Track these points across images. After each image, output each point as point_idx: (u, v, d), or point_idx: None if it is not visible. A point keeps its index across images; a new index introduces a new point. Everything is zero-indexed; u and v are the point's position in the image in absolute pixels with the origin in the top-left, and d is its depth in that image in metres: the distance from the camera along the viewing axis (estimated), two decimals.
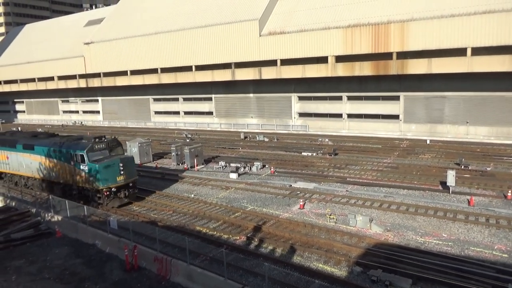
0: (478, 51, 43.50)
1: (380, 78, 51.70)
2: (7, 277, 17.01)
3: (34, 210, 24.74)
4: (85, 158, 24.25)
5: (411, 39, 46.73)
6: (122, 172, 24.93)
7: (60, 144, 26.20)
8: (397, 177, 30.70)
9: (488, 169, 31.99)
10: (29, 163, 28.70)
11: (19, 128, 78.50)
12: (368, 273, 15.55)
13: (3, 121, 69.94)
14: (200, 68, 65.83)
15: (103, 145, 25.22)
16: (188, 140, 53.97)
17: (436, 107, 50.35)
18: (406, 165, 34.63)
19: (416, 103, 51.69)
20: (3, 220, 22.57)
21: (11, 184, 31.68)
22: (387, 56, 48.71)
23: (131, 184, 26.03)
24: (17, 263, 18.41)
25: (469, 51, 43.84)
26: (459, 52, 44.41)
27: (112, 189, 24.71)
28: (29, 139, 29.18)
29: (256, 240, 19.51)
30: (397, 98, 52.76)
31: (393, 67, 48.38)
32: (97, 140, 25.27)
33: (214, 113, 71.17)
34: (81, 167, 24.63)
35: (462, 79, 46.71)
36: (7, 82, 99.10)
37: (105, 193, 24.44)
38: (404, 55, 48.08)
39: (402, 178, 30.15)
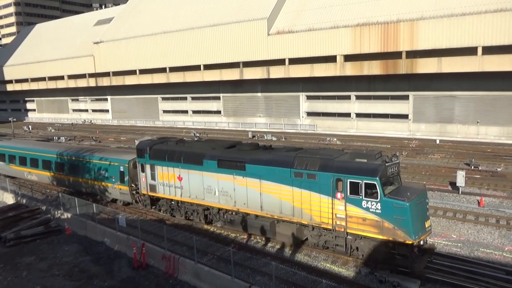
0: (489, 50, 42.92)
1: (389, 78, 51.30)
2: (18, 274, 17.24)
3: (44, 208, 25.04)
4: (378, 189, 14.92)
5: (420, 38, 46.27)
6: (428, 213, 15.99)
7: (303, 162, 16.88)
8: (406, 177, 30.45)
9: (499, 169, 31.58)
10: (228, 190, 19.26)
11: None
12: (376, 274, 15.46)
13: (14, 119, 70.85)
14: (208, 67, 65.94)
15: (395, 169, 16.24)
16: (196, 139, 54.15)
17: (446, 107, 49.82)
18: (415, 165, 34.34)
19: (425, 103, 51.21)
20: (14, 217, 22.87)
21: (180, 215, 22.33)
22: (396, 55, 48.29)
23: None
24: (28, 260, 18.65)
25: (479, 50, 43.27)
26: (470, 51, 43.85)
27: (420, 243, 15.06)
28: (227, 152, 19.79)
29: (263, 239, 19.51)
30: (406, 97, 52.32)
31: (402, 66, 47.97)
32: (388, 159, 16.13)
33: (222, 112, 71.28)
34: (364, 203, 15.23)
35: (472, 78, 46.13)
36: (18, 81, 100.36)
37: (415, 251, 14.69)
38: (413, 54, 47.61)
39: (411, 178, 29.92)
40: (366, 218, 15.23)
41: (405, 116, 52.87)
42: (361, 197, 15.25)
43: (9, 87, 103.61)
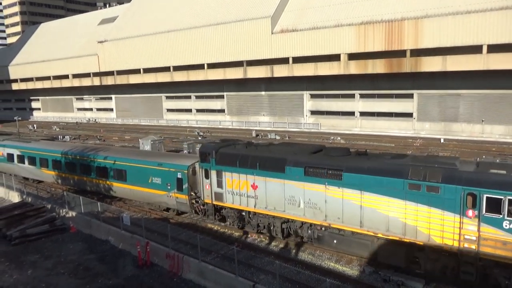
0: (494, 48, 42.64)
1: (393, 76, 51.10)
2: (23, 271, 17.36)
3: (49, 206, 25.16)
4: None
5: (425, 36, 46.05)
6: None
7: (421, 172, 14.23)
8: None
9: None
10: (318, 201, 16.53)
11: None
12: (380, 273, 15.43)
13: (20, 118, 71.23)
14: (212, 66, 65.99)
15: None
16: (200, 138, 54.22)
17: (451, 105, 49.58)
18: None
19: (430, 101, 50.98)
20: (20, 215, 23.00)
21: (252, 228, 19.81)
22: (401, 53, 48.09)
23: None
24: (33, 258, 18.76)
25: (485, 48, 43.02)
26: (475, 49, 43.61)
27: None
28: (315, 158, 17.13)
29: (267, 238, 19.52)
30: (410, 96, 52.11)
31: (407, 65, 47.76)
32: None
33: (226, 111, 71.33)
34: (507, 223, 12.74)
35: (477, 76, 45.86)
36: (23, 80, 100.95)
37: None
38: (418, 53, 47.42)
39: None
40: (508, 242, 12.61)
41: (409, 115, 52.68)
42: (502, 216, 12.64)
43: (15, 86, 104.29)
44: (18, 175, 33.88)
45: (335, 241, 16.62)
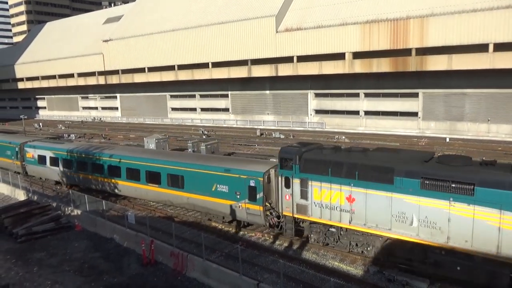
0: (500, 46, 42.28)
1: (398, 75, 50.84)
2: (29, 269, 17.50)
3: (54, 204, 25.32)
4: None
5: (430, 34, 45.75)
6: None
7: None
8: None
9: None
10: (438, 220, 14.19)
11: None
12: (384, 272, 15.38)
13: (26, 117, 71.74)
14: (216, 65, 66.01)
15: None
16: (204, 137, 54.32)
17: (456, 105, 49.27)
18: None
19: (435, 100, 50.69)
20: (25, 213, 23.17)
21: (344, 246, 17.38)
22: (406, 52, 47.82)
23: None
24: (39, 256, 18.90)
25: (491, 47, 42.65)
26: (481, 48, 43.26)
27: None
28: (433, 168, 14.76)
29: (271, 237, 19.53)
30: (415, 95, 51.84)
31: (412, 64, 47.50)
32: None
33: (230, 110, 71.37)
34: None
35: (483, 75, 45.50)
36: (29, 79, 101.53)
37: None
38: (423, 51, 47.14)
39: None
40: None
41: (414, 114, 52.42)
42: None
43: (21, 85, 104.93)
44: (50, 179, 31.55)
45: (458, 268, 13.95)
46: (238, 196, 19.88)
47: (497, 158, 34.15)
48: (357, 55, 51.76)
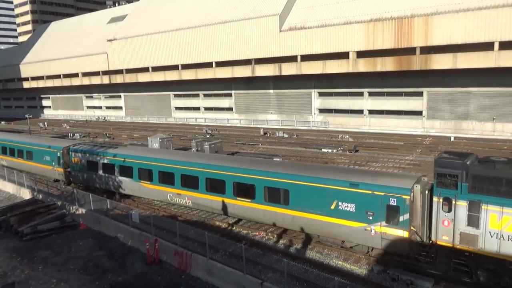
0: (506, 45, 42.00)
1: (403, 74, 50.63)
2: (35, 267, 17.60)
3: (59, 203, 25.45)
4: None
5: (435, 33, 45.52)
6: None
7: None
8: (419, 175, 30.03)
9: None
10: None
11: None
12: (388, 272, 15.33)
13: (31, 116, 72.15)
14: (220, 64, 66.07)
15: None
16: (208, 136, 54.36)
17: (461, 103, 49.00)
18: (429, 162, 33.83)
19: (440, 99, 50.44)
20: (31, 212, 23.32)
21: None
22: (410, 51, 47.63)
23: None
24: (44, 254, 19.01)
25: (496, 45, 42.39)
26: (486, 46, 42.99)
27: None
28: None
29: (275, 236, 19.52)
30: (420, 94, 51.61)
31: (416, 62, 47.28)
32: None
33: (234, 109, 71.40)
34: None
35: (488, 74, 45.22)
36: (34, 78, 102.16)
37: None
38: (427, 50, 46.91)
39: None
40: None
41: (419, 113, 52.19)
42: None
43: (26, 85, 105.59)
44: (100, 187, 27.48)
45: None
46: (371, 218, 16.05)
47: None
48: (361, 54, 51.59)
